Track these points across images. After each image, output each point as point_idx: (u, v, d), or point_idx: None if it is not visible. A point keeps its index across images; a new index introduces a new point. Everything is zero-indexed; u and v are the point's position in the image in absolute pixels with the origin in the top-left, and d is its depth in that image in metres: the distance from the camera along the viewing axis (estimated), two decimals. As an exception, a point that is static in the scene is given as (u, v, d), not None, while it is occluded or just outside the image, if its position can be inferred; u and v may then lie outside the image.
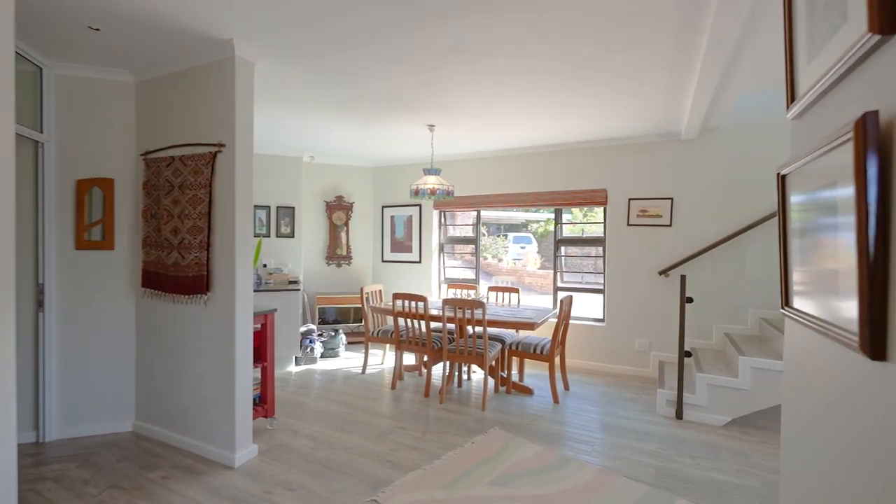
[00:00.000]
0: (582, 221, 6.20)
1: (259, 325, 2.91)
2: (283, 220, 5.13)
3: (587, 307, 4.80)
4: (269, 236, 5.07)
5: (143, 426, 2.86)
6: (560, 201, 4.67)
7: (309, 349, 4.53)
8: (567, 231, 5.07)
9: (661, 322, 4.22)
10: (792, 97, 0.85)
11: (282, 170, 5.13)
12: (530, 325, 3.31)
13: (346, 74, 2.79)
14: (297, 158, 5.20)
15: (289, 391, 3.73)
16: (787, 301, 0.88)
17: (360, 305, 4.90)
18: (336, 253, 5.69)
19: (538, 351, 3.58)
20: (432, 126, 3.92)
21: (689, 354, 3.23)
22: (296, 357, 4.48)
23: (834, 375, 0.72)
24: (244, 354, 2.52)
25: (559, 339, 3.63)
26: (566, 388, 3.84)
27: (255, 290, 4.25)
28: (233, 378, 2.47)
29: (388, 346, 4.63)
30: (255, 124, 3.97)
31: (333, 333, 4.89)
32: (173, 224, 2.62)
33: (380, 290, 4.60)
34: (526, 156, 4.85)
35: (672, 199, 4.16)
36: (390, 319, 4.66)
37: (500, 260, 13.65)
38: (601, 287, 4.62)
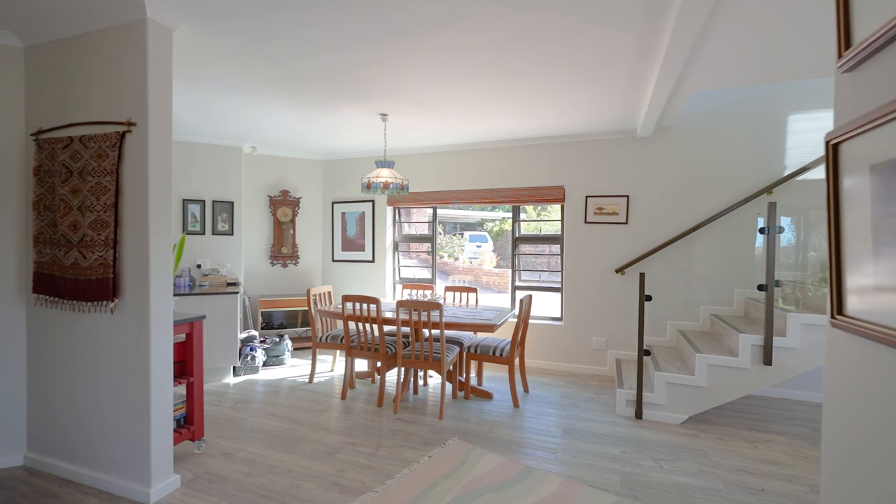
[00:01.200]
0: (536, 220, 6.17)
1: (184, 335, 2.53)
2: (220, 215, 4.65)
3: (545, 306, 4.73)
4: (203, 234, 4.58)
5: (38, 459, 2.40)
6: (518, 198, 4.56)
7: (250, 358, 4.12)
8: (524, 229, 4.97)
9: (618, 320, 4.21)
10: (846, 44, 0.70)
11: (219, 161, 4.66)
12: (490, 327, 3.14)
13: (284, 47, 2.48)
14: (237, 149, 4.74)
15: (224, 407, 3.34)
16: (839, 308, 0.72)
17: (307, 309, 4.54)
18: (281, 252, 5.27)
19: (498, 353, 3.43)
20: (385, 115, 3.66)
21: (647, 353, 3.19)
22: (234, 367, 4.06)
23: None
24: (162, 370, 2.15)
25: (519, 339, 3.50)
26: (526, 390, 3.72)
27: (185, 294, 3.80)
28: (147, 398, 2.10)
29: (338, 352, 4.32)
30: (183, 108, 3.53)
31: (278, 339, 4.50)
32: (72, 217, 2.20)
33: (329, 292, 4.27)
34: (484, 151, 4.70)
35: (628, 196, 4.16)
36: (340, 323, 4.34)
37: (456, 259, 13.55)
38: (559, 285, 4.56)
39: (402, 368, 3.41)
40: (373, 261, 5.26)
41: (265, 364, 4.34)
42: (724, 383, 2.99)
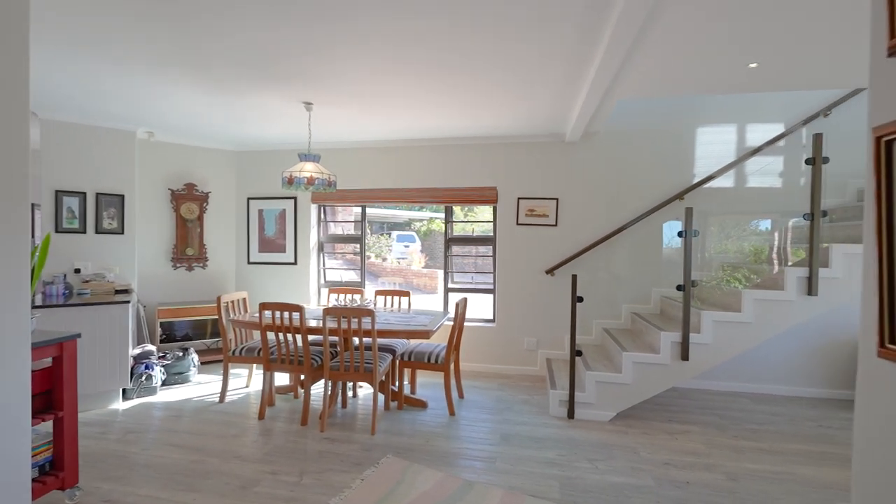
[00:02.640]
0: (467, 220, 6.14)
1: (50, 360, 2.04)
2: (106, 211, 3.95)
3: (477, 307, 4.68)
4: (84, 232, 3.86)
5: None
6: (452, 198, 4.46)
7: (145, 377, 3.54)
8: (455, 230, 4.89)
9: (548, 320, 4.29)
10: None
11: (106, 147, 3.96)
12: (426, 334, 2.98)
13: (189, 15, 2.10)
14: (129, 134, 4.07)
15: (109, 440, 2.80)
16: (892, 336, 0.61)
17: (218, 318, 4.02)
18: (186, 254, 4.64)
19: (433, 360, 3.28)
20: (310, 105, 3.34)
21: (579, 353, 3.25)
22: (124, 390, 3.45)
23: None
24: (15, 407, 1.68)
25: (454, 344, 3.38)
26: (461, 395, 3.62)
27: (59, 306, 3.14)
28: (-8, 446, 1.62)
29: (254, 365, 3.87)
30: (59, 81, 2.91)
31: (181, 354, 3.93)
32: None
33: (244, 299, 3.81)
34: (417, 149, 4.53)
35: (558, 199, 4.25)
36: (258, 334, 3.91)
37: (384, 259, 13.21)
38: (491, 287, 4.54)
39: (330, 381, 3.13)
40: (295, 263, 4.84)
41: (165, 384, 3.76)
42: (648, 379, 3.13)
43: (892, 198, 0.60)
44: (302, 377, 3.51)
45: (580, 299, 3.21)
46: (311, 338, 3.76)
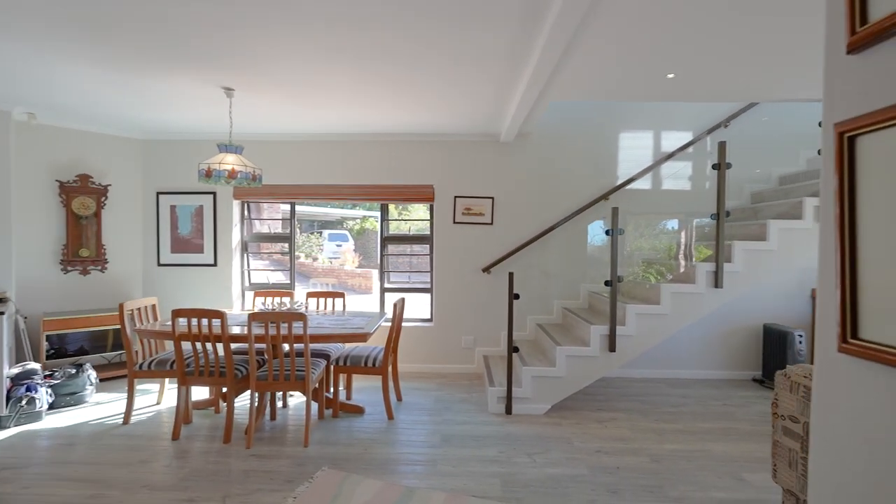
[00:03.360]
0: (403, 219, 6.05)
1: None
2: (-29, 205, 3.31)
3: (415, 307, 4.62)
4: (-61, 231, 3.20)
5: None
6: (388, 196, 4.34)
7: (26, 401, 3.01)
8: (391, 229, 4.78)
9: (485, 318, 4.34)
10: (862, 20, 0.62)
11: (-31, 128, 3.31)
12: (363, 337, 2.85)
13: (77, -22, 1.79)
14: (3, 114, 3.44)
15: (-23, 479, 2.33)
16: (854, 331, 0.63)
17: (120, 328, 3.53)
18: (80, 255, 4.04)
19: (370, 363, 3.16)
20: (231, 90, 3.05)
21: (516, 350, 3.31)
22: (0, 418, 2.92)
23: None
24: None
25: (392, 346, 3.29)
26: (399, 398, 3.53)
27: None
28: None
29: (167, 380, 3.47)
30: None
31: (75, 371, 3.41)
32: None
33: (153, 305, 3.39)
34: (351, 144, 4.35)
35: (493, 198, 4.31)
36: (170, 344, 3.51)
37: (315, 259, 12.65)
38: (429, 286, 4.50)
39: (257, 392, 2.88)
40: (215, 264, 4.42)
41: (53, 407, 3.24)
42: (579, 371, 3.27)
43: (854, 191, 0.63)
44: (224, 390, 3.21)
45: (517, 296, 3.28)
46: (234, 346, 3.46)
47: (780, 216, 3.40)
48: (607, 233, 3.27)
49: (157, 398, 3.43)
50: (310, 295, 3.95)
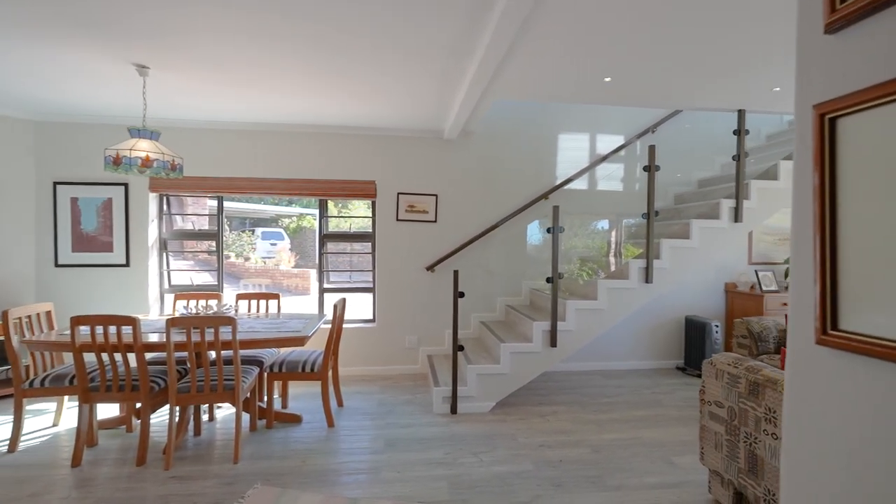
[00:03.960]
0: (343, 216, 5.82)
1: None
2: None
3: (356, 308, 4.45)
4: None
5: None
6: (328, 191, 4.13)
7: None
8: (330, 226, 4.57)
9: (429, 317, 4.28)
10: None
11: None
12: (300, 340, 2.66)
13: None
14: None
15: None
16: (834, 323, 0.63)
17: (5, 339, 3.01)
18: (-49, 255, 3.41)
19: (308, 368, 2.97)
20: (145, 68, 2.71)
21: (461, 348, 3.29)
22: None
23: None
24: None
25: (332, 349, 3.12)
26: (340, 404, 3.36)
27: None
28: None
29: (66, 398, 3.02)
30: None
31: (-57, 392, 2.86)
32: None
33: (47, 312, 2.94)
34: (289, 135, 4.08)
35: (437, 195, 4.25)
36: (71, 356, 3.07)
37: (246, 259, 11.85)
38: (370, 285, 4.35)
39: (178, 407, 2.59)
40: (127, 264, 3.94)
41: (-87, 436, 2.69)
42: (523, 367, 3.32)
43: (836, 174, 0.63)
44: (138, 406, 2.85)
45: (462, 295, 3.25)
46: (149, 356, 3.10)
47: (701, 216, 3.68)
48: (549, 230, 3.34)
49: (53, 419, 2.98)
50: (240, 297, 3.64)
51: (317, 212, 4.39)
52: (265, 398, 3.05)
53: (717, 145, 4.62)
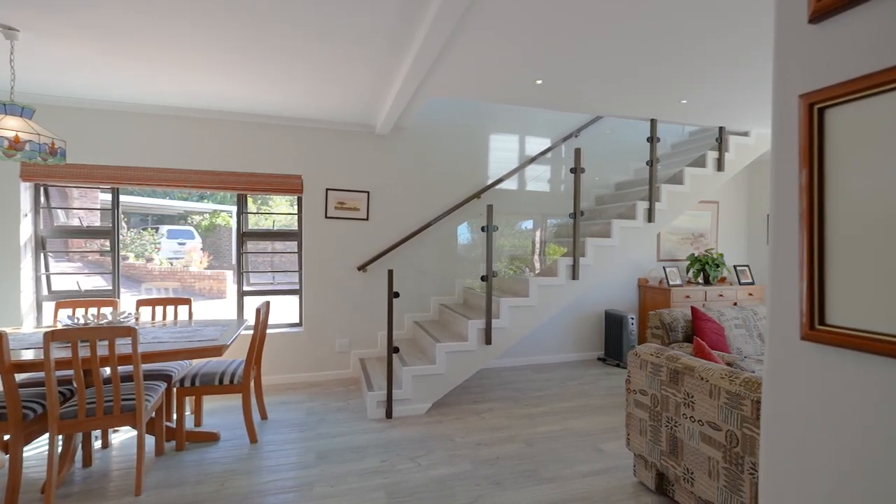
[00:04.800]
0: (258, 213, 5.40)
1: None
2: None
3: (282, 311, 4.15)
4: None
5: None
6: (248, 186, 3.78)
7: None
8: (251, 224, 4.20)
9: (361, 318, 4.11)
10: None
11: None
12: (217, 350, 2.39)
13: None
14: None
15: None
16: (822, 317, 0.62)
17: None
18: None
19: (227, 380, 2.68)
20: (12, 31, 2.25)
21: (396, 350, 3.19)
22: None
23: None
24: None
25: (255, 357, 2.85)
26: (263, 416, 3.09)
27: None
28: None
29: None
30: None
31: None
32: None
33: None
34: (202, 122, 3.66)
35: (369, 192, 4.10)
36: None
37: (149, 260, 10.59)
38: (297, 287, 4.08)
39: (61, 435, 2.19)
40: (-10, 268, 3.28)
41: None
42: (459, 366, 3.30)
43: (824, 165, 0.64)
44: (6, 437, 2.37)
45: (397, 295, 3.15)
46: (22, 377, 2.61)
47: (620, 217, 3.95)
48: (483, 229, 3.36)
49: None
50: (142, 303, 3.20)
51: (234, 208, 4.01)
52: (175, 418, 2.70)
53: (631, 151, 5.00)
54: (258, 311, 2.88)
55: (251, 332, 3.78)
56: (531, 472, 2.41)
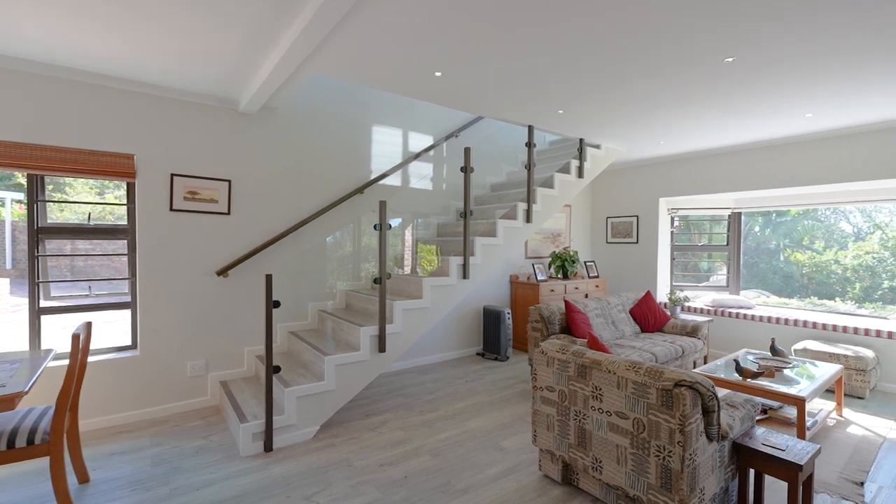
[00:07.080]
0: (64, 201, 4.08)
1: None
2: None
3: (105, 332, 3.17)
4: None
5: None
6: (51, 165, 2.76)
7: None
8: (55, 216, 3.12)
9: (220, 334, 3.41)
10: None
11: None
12: (9, 402, 1.62)
13: None
14: None
15: None
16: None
17: None
18: None
19: (25, 440, 1.87)
20: None
21: (277, 370, 2.70)
22: None
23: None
24: None
25: (70, 401, 2.06)
26: (83, 479, 2.28)
27: None
28: None
29: None
30: None
31: None
32: None
33: None
34: (-49, 65, 2.51)
35: (230, 181, 3.42)
36: None
37: None
38: (128, 299, 3.17)
39: None
40: None
41: None
42: (351, 379, 2.98)
43: None
44: None
45: (276, 304, 2.66)
46: None
47: (504, 217, 4.10)
48: (375, 227, 3.09)
49: None
50: None
51: (21, 195, 2.90)
52: (-80, 508, 1.77)
53: (505, 155, 5.27)
54: (76, 336, 2.09)
55: (62, 363, 2.80)
56: (444, 487, 2.27)
